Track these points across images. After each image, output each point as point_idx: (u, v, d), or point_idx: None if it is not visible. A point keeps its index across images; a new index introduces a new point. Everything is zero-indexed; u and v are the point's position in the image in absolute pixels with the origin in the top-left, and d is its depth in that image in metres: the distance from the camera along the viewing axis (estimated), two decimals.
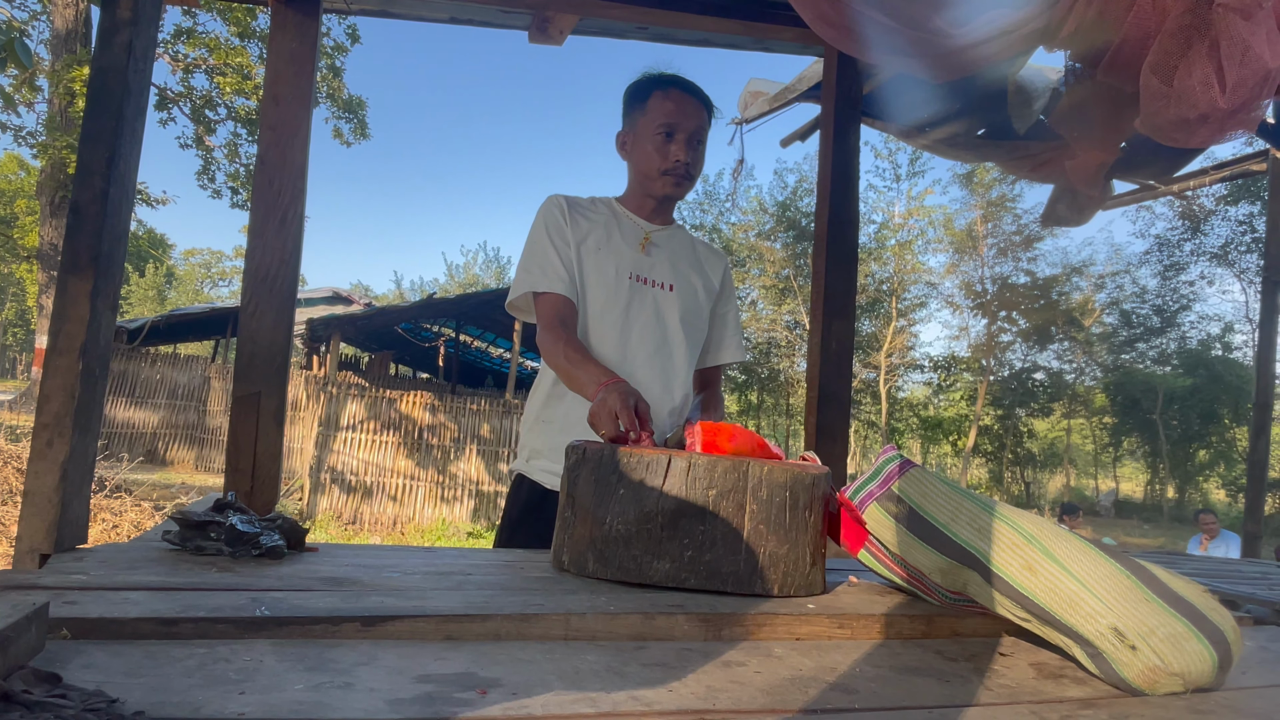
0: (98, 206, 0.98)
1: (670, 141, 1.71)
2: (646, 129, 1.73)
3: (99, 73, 0.99)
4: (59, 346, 0.97)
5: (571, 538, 1.11)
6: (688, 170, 1.73)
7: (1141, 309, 23.89)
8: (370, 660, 0.72)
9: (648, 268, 1.76)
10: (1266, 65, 0.95)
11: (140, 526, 5.95)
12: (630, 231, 1.79)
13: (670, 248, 1.82)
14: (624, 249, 1.75)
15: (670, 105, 1.71)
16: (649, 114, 1.73)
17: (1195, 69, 1.00)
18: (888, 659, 0.90)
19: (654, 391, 1.69)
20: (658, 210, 1.82)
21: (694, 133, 1.72)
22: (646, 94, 1.75)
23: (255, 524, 1.05)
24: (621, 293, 1.71)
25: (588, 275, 1.72)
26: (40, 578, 0.85)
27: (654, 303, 1.74)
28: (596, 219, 1.77)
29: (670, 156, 1.71)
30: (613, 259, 1.73)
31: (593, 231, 1.75)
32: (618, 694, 0.70)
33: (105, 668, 0.65)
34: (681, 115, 1.70)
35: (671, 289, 1.77)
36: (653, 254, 1.78)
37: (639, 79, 1.80)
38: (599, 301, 1.71)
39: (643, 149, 1.75)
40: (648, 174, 1.76)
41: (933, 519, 1.00)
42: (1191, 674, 0.83)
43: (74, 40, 15.85)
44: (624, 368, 1.68)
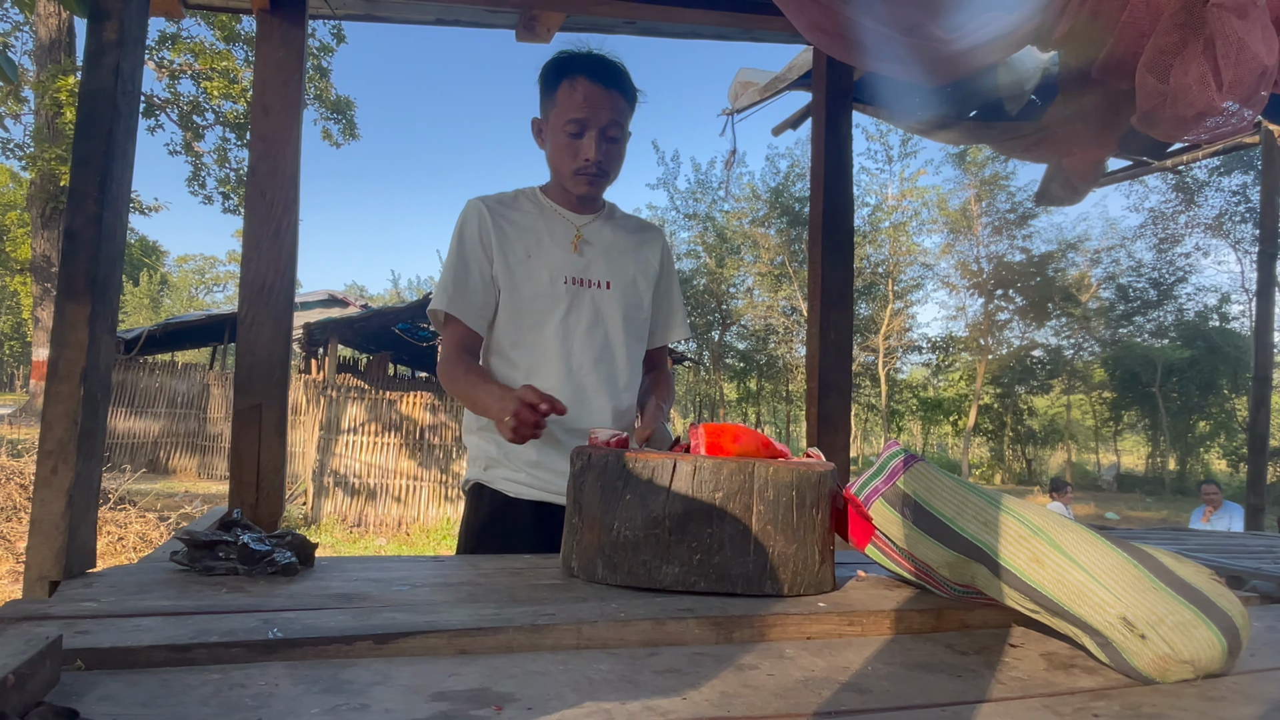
0: (92, 231, 0.98)
1: (579, 139, 1.59)
2: (556, 123, 1.61)
3: (87, 97, 0.98)
4: (59, 373, 0.96)
5: (580, 544, 1.11)
6: (600, 168, 1.61)
7: (1138, 283, 23.91)
8: (385, 679, 0.72)
9: (582, 268, 1.66)
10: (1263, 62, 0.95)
11: (146, 538, 5.96)
12: (560, 229, 1.68)
13: (603, 241, 1.71)
14: (555, 252, 1.65)
15: (578, 98, 1.57)
16: (558, 106, 1.60)
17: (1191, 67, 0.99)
18: (899, 655, 0.91)
19: (600, 398, 1.64)
20: (584, 200, 1.71)
21: (606, 127, 1.59)
22: (555, 83, 1.61)
23: (266, 541, 1.05)
24: (558, 300, 1.62)
25: (520, 286, 1.63)
26: (51, 607, 0.85)
27: (593, 305, 1.65)
28: (522, 222, 1.67)
29: (580, 155, 1.60)
30: (545, 265, 1.63)
31: (520, 238, 1.64)
32: (632, 704, 0.70)
33: (121, 699, 0.65)
34: (591, 109, 1.56)
35: (609, 286, 1.68)
36: (586, 252, 1.68)
37: (550, 61, 1.65)
38: (535, 312, 1.62)
39: (554, 143, 1.63)
40: (560, 171, 1.65)
41: (939, 513, 1.00)
42: (1201, 661, 0.84)
43: (58, 50, 15.76)
44: (569, 378, 1.61)
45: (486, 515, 1.64)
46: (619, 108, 1.60)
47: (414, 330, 16.88)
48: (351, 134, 18.49)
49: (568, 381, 1.62)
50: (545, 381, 1.59)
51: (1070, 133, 1.34)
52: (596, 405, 1.64)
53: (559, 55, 1.65)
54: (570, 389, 1.61)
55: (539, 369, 1.63)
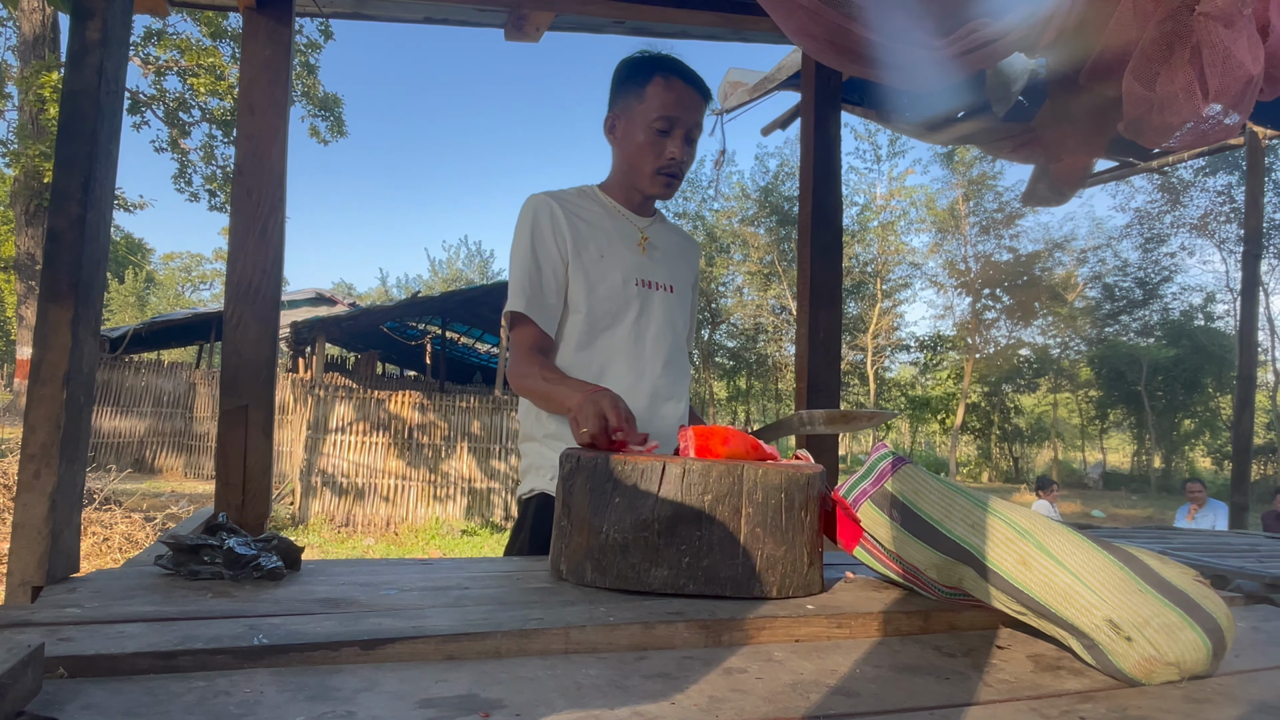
0: (75, 233, 0.96)
1: (667, 137, 1.57)
2: (641, 118, 1.58)
3: (70, 97, 0.97)
4: (42, 376, 0.95)
5: (569, 547, 1.11)
6: (680, 169, 1.60)
7: (1124, 282, 24.11)
8: (371, 686, 0.72)
9: (649, 270, 1.65)
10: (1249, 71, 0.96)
11: (131, 538, 5.91)
12: (626, 231, 1.66)
13: (664, 244, 1.72)
14: (625, 253, 1.63)
15: (672, 97, 1.55)
16: (646, 102, 1.57)
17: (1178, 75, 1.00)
18: (887, 658, 0.91)
19: (670, 403, 1.63)
20: (645, 203, 1.70)
21: (692, 129, 1.59)
22: (646, 79, 1.58)
23: (252, 545, 1.05)
24: (630, 301, 1.61)
25: (594, 285, 1.59)
26: (34, 613, 0.84)
27: (661, 308, 1.65)
28: (592, 220, 1.64)
29: (665, 154, 1.58)
30: (618, 266, 1.61)
31: (592, 237, 1.61)
32: (621, 709, 0.70)
33: (104, 707, 0.65)
34: (682, 109, 1.56)
35: (672, 290, 1.68)
36: (652, 255, 1.67)
37: (636, 58, 1.63)
38: (609, 314, 1.60)
39: (634, 140, 1.60)
40: (638, 169, 1.62)
41: (927, 516, 1.01)
42: (1186, 663, 0.84)
43: (42, 45, 15.59)
44: (642, 381, 1.59)
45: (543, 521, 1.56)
46: (703, 113, 1.61)
47: (402, 329, 16.82)
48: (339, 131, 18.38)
49: (640, 384, 1.59)
50: (617, 384, 1.55)
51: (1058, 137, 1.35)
52: (666, 410, 1.63)
53: (647, 54, 1.63)
54: (645, 393, 1.59)
55: (610, 370, 1.60)
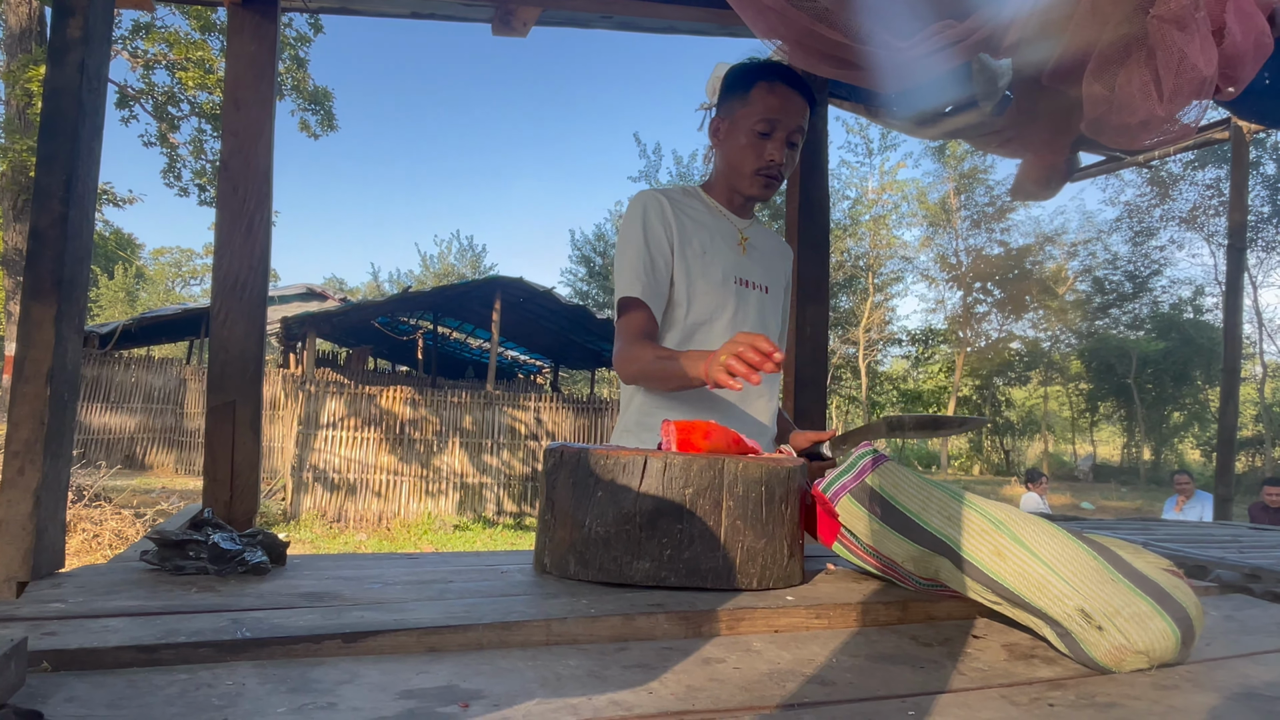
0: (58, 230, 0.97)
1: (768, 139, 1.61)
2: (744, 121, 1.63)
3: (52, 94, 0.97)
4: (25, 374, 0.96)
5: (552, 540, 1.12)
6: (780, 172, 1.64)
7: (1114, 275, 24.23)
8: (353, 678, 0.73)
9: (747, 269, 1.69)
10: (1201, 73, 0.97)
11: (121, 534, 5.90)
12: (727, 230, 1.71)
13: (762, 246, 1.76)
14: (726, 251, 1.68)
15: (775, 100, 1.60)
16: (750, 105, 1.62)
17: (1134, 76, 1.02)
18: (864, 647, 0.93)
19: (762, 400, 1.67)
20: (745, 205, 1.75)
21: (793, 132, 1.62)
22: (750, 84, 1.63)
23: (237, 541, 1.05)
24: (728, 298, 1.65)
25: (694, 281, 1.64)
26: (18, 608, 0.85)
27: (757, 307, 1.69)
28: (698, 218, 1.69)
29: (765, 155, 1.62)
30: (719, 263, 1.66)
31: (696, 233, 1.66)
32: (598, 699, 0.71)
33: (87, 700, 0.65)
34: (784, 112, 1.60)
35: (768, 290, 1.73)
36: (751, 254, 1.72)
37: (743, 65, 1.69)
38: (707, 308, 1.64)
39: (737, 142, 1.65)
40: (738, 169, 1.67)
41: (905, 509, 1.02)
42: (1156, 651, 0.86)
43: (29, 39, 15.45)
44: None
45: None
46: (806, 119, 1.64)
47: (394, 324, 16.79)
48: (329, 125, 18.29)
49: None
50: None
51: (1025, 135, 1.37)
52: (758, 407, 1.67)
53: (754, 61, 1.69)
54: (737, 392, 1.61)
55: None
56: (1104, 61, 1.05)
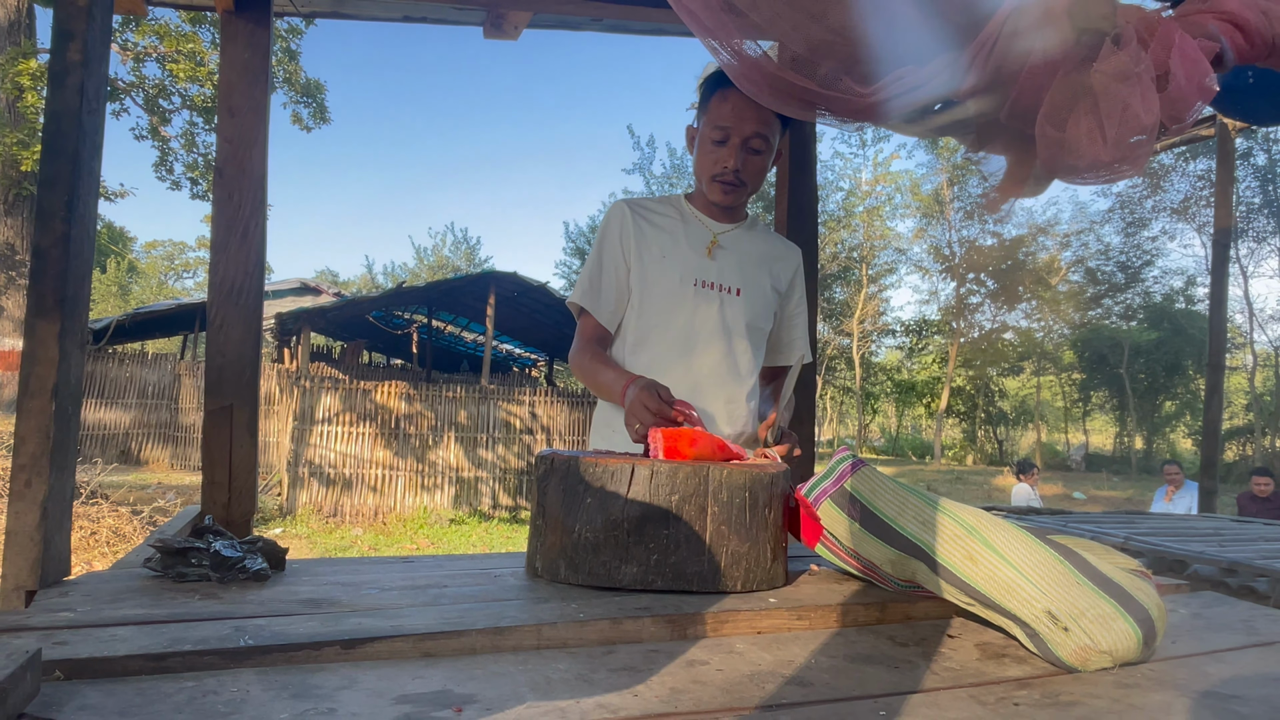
0: (60, 250, 1.00)
1: (723, 147, 1.65)
2: (704, 129, 1.68)
3: (53, 117, 1.00)
4: (31, 389, 0.99)
5: (543, 545, 1.16)
6: (738, 178, 1.67)
7: (1106, 266, 24.32)
8: (351, 684, 0.77)
9: (714, 272, 1.72)
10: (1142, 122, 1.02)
11: (119, 532, 5.92)
12: (697, 235, 1.75)
13: (739, 249, 1.77)
14: (689, 255, 1.72)
15: (727, 108, 1.63)
16: (708, 114, 1.67)
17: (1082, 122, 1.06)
18: (843, 648, 0.97)
19: (718, 402, 1.69)
20: (726, 210, 1.77)
21: (749, 138, 1.64)
22: (709, 93, 1.68)
23: (238, 548, 1.09)
24: (685, 300, 1.69)
25: (651, 285, 1.70)
26: (29, 618, 0.88)
27: (720, 310, 1.71)
28: (663, 224, 1.75)
29: (719, 163, 1.66)
30: (677, 266, 1.70)
31: (658, 239, 1.72)
32: (586, 702, 0.75)
33: (100, 708, 0.69)
34: (737, 119, 1.62)
35: (739, 293, 1.73)
36: (719, 257, 1.74)
37: (710, 73, 1.70)
38: (664, 310, 1.69)
39: (700, 150, 1.71)
40: (700, 176, 1.73)
41: (882, 514, 1.06)
42: (1119, 651, 0.90)
43: (17, 32, 15.36)
44: (689, 375, 1.67)
45: None
46: (767, 122, 1.64)
47: (388, 318, 16.79)
48: (322, 118, 18.22)
49: (685, 380, 1.66)
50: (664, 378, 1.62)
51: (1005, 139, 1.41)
52: (714, 408, 1.69)
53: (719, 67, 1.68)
54: (687, 389, 1.65)
55: (659, 365, 1.68)
56: (1054, 106, 1.09)
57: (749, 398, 1.74)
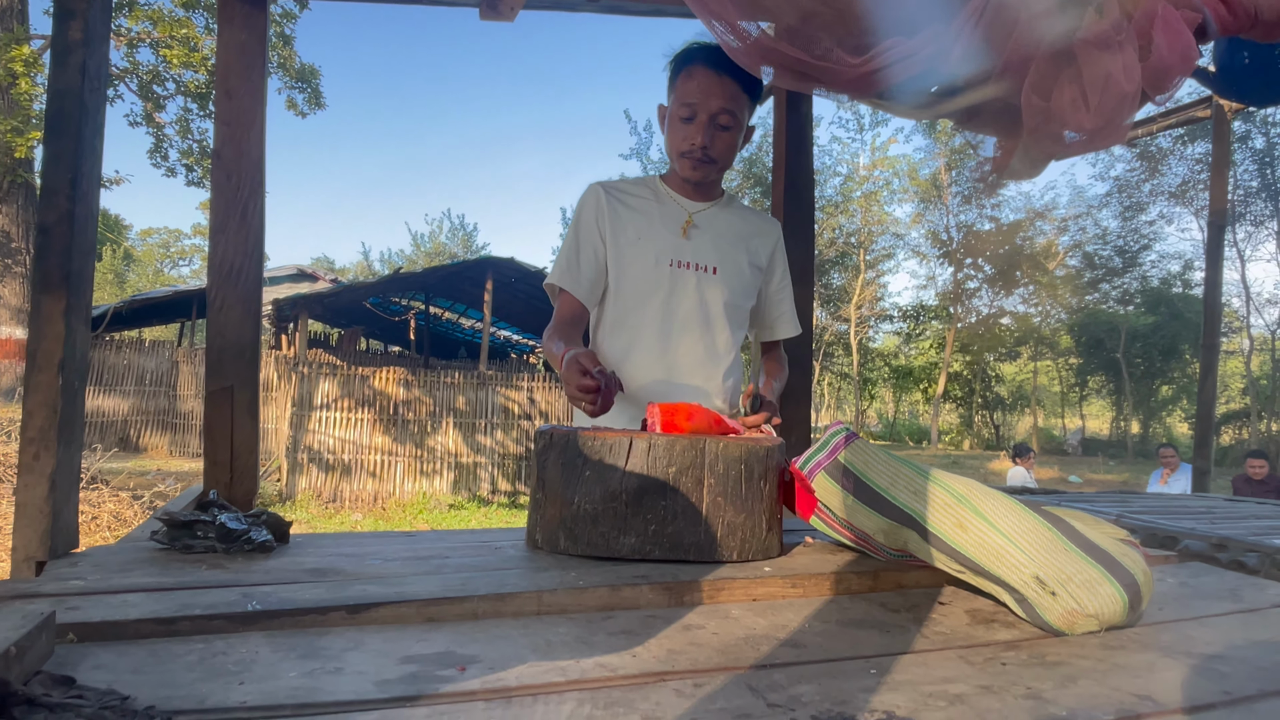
0: (64, 227, 1.01)
1: (690, 124, 1.65)
2: (672, 108, 1.68)
3: (55, 96, 1.01)
4: (38, 364, 1.00)
5: (543, 518, 1.18)
6: (706, 154, 1.67)
7: (1104, 250, 24.31)
8: (357, 645, 0.79)
9: (690, 252, 1.73)
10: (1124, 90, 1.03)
11: (120, 517, 5.95)
12: (672, 214, 1.76)
13: (715, 227, 1.77)
14: (664, 235, 1.73)
15: (692, 85, 1.63)
16: (676, 92, 1.67)
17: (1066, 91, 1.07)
18: (835, 614, 0.99)
19: (695, 379, 1.71)
20: (699, 188, 1.77)
21: (716, 114, 1.64)
22: (676, 71, 1.68)
23: (243, 521, 1.11)
24: (662, 280, 1.70)
25: (627, 266, 1.71)
26: (40, 585, 0.90)
27: (696, 289, 1.72)
28: (638, 206, 1.75)
29: (687, 139, 1.66)
30: (652, 247, 1.71)
31: (632, 220, 1.73)
32: (586, 661, 0.77)
33: (113, 667, 0.71)
34: (703, 95, 1.62)
35: (715, 271, 1.74)
36: (694, 237, 1.74)
37: (678, 50, 1.71)
38: (639, 292, 1.71)
39: (669, 128, 1.71)
40: (670, 154, 1.73)
41: (875, 485, 1.08)
42: (1105, 614, 0.93)
43: (10, 17, 15.24)
44: (664, 358, 1.69)
45: None
46: (734, 97, 1.64)
47: (385, 304, 16.77)
48: (317, 103, 18.12)
49: (662, 360, 1.68)
50: (641, 359, 1.68)
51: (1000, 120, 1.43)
52: (691, 386, 1.71)
53: (685, 44, 1.70)
54: (664, 368, 1.68)
55: (636, 347, 1.69)
56: (1040, 75, 1.11)
57: (726, 376, 1.75)
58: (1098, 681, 0.78)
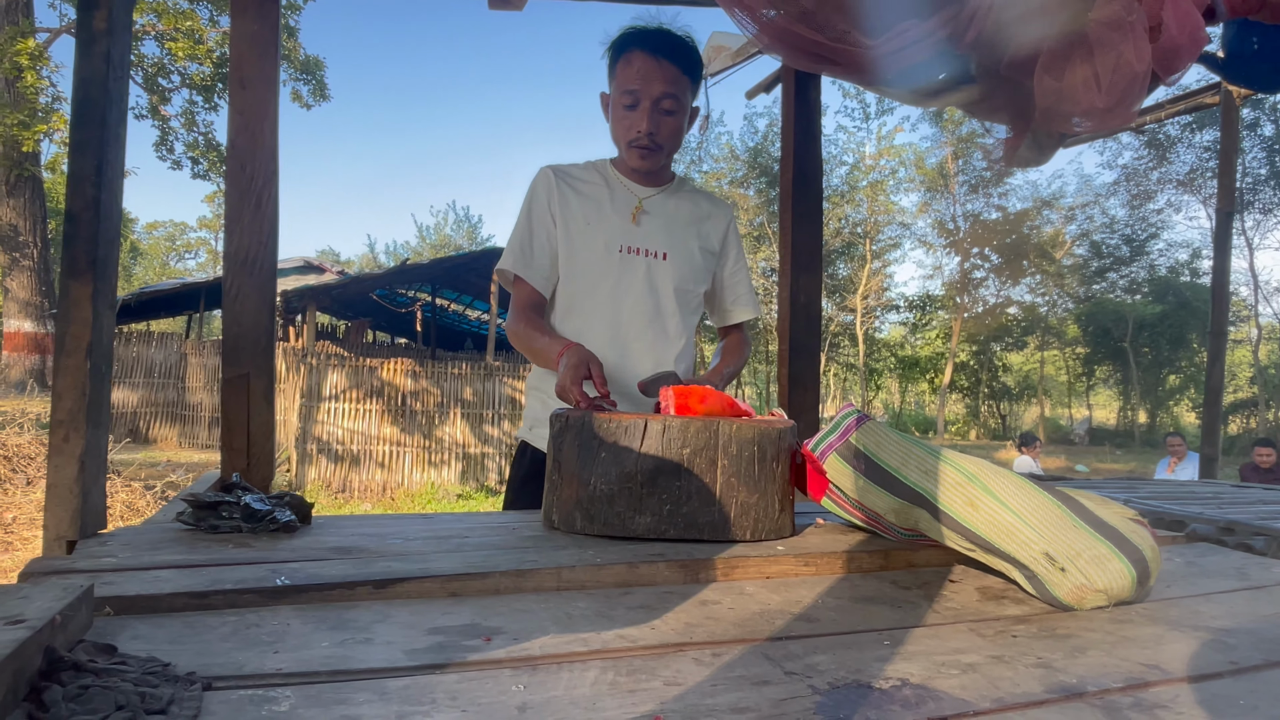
0: (91, 213, 1.03)
1: (633, 111, 1.64)
2: (614, 96, 1.67)
3: (81, 84, 1.03)
4: (67, 348, 1.03)
5: (560, 498, 1.20)
6: (653, 140, 1.66)
7: (1111, 239, 24.21)
8: (385, 618, 0.81)
9: (640, 237, 1.72)
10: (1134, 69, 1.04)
11: (133, 507, 6.00)
12: (623, 200, 1.74)
13: (664, 212, 1.76)
14: (614, 220, 1.71)
15: (632, 72, 1.61)
16: (616, 80, 1.66)
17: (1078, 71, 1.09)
18: (848, 591, 1.01)
19: (645, 364, 1.71)
20: (650, 173, 1.76)
21: (659, 99, 1.62)
22: (614, 58, 1.67)
23: (267, 501, 1.13)
24: (611, 266, 1.69)
25: (577, 252, 1.70)
26: (74, 562, 0.93)
27: (646, 274, 1.71)
28: (588, 191, 1.74)
29: (632, 127, 1.65)
30: (602, 233, 1.70)
31: (582, 206, 1.72)
32: (606, 633, 0.80)
33: (151, 638, 0.73)
34: (645, 81, 1.61)
35: (665, 257, 1.73)
36: (644, 223, 1.74)
37: (615, 37, 1.70)
38: (590, 277, 1.70)
39: (613, 116, 1.69)
40: (616, 143, 1.72)
41: (886, 465, 1.10)
42: (1114, 590, 0.94)
43: (15, 11, 15.26)
44: (616, 341, 1.69)
45: (527, 471, 1.75)
46: (675, 80, 1.63)
47: (392, 296, 16.81)
48: (322, 95, 18.13)
49: (613, 346, 1.68)
50: (592, 345, 1.67)
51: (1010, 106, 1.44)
52: (641, 371, 1.71)
53: (622, 30, 1.69)
54: (615, 354, 1.68)
55: (587, 332, 1.70)
56: (1052, 56, 1.12)
57: (678, 360, 1.76)
58: (1106, 652, 0.79)
